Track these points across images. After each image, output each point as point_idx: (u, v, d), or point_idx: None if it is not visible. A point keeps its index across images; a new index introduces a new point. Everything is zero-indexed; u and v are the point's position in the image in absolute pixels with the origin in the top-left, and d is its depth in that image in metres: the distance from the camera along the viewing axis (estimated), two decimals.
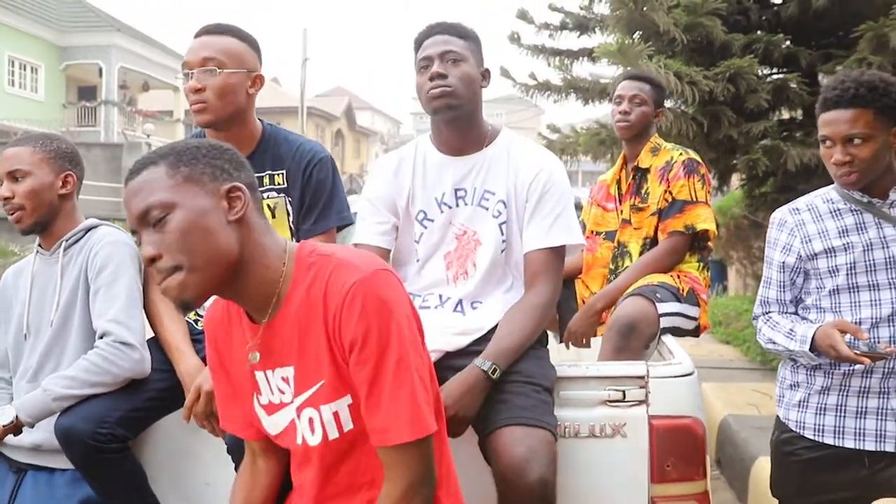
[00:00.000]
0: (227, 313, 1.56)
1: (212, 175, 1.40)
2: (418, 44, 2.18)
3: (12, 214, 2.13)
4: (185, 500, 2.12)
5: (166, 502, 2.08)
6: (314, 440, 1.47)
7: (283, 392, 1.49)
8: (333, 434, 1.45)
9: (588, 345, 2.91)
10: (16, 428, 1.97)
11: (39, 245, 2.23)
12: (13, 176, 2.13)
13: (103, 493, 2.00)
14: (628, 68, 3.22)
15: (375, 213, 2.22)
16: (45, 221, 2.16)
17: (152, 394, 2.03)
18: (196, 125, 2.18)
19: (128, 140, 17.70)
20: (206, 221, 1.36)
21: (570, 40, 7.32)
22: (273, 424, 1.54)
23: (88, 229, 2.22)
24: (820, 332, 2.02)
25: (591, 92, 6.70)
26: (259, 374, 1.52)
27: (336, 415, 1.44)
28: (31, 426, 1.99)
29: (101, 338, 2.05)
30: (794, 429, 2.20)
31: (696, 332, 2.81)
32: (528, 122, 31.34)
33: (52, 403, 1.96)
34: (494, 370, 1.88)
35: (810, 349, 2.04)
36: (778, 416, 2.29)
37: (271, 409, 1.53)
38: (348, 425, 1.45)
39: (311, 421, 1.46)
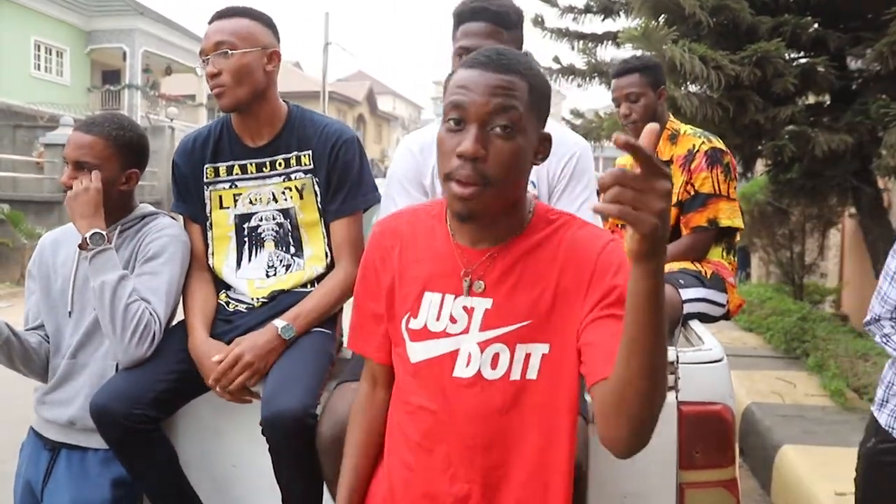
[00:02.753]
0: (413, 228, 1.56)
1: (542, 120, 1.44)
2: (459, 19, 2.15)
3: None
4: (214, 481, 2.14)
5: (195, 483, 2.09)
6: (492, 374, 1.45)
7: (455, 321, 1.47)
8: (516, 375, 1.44)
9: None
10: (84, 244, 2.01)
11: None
12: (80, 165, 2.10)
13: (135, 473, 2.02)
14: (617, 63, 3.11)
15: (403, 192, 2.23)
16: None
17: (184, 375, 2.04)
18: (221, 109, 2.17)
19: (151, 124, 17.74)
20: (526, 157, 1.40)
21: (595, 24, 7.23)
22: (420, 350, 1.50)
23: (144, 216, 2.22)
24: None
25: None
26: (430, 297, 1.50)
27: (528, 357, 1.44)
28: (87, 248, 2.01)
29: None
30: None
31: (726, 317, 2.78)
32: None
33: (100, 277, 1.99)
34: None
35: None
36: (877, 423, 2.15)
37: (424, 335, 1.49)
38: (532, 374, 1.44)
39: (496, 356, 1.44)
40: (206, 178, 2.23)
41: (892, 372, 2.15)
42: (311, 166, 2.19)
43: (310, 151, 2.19)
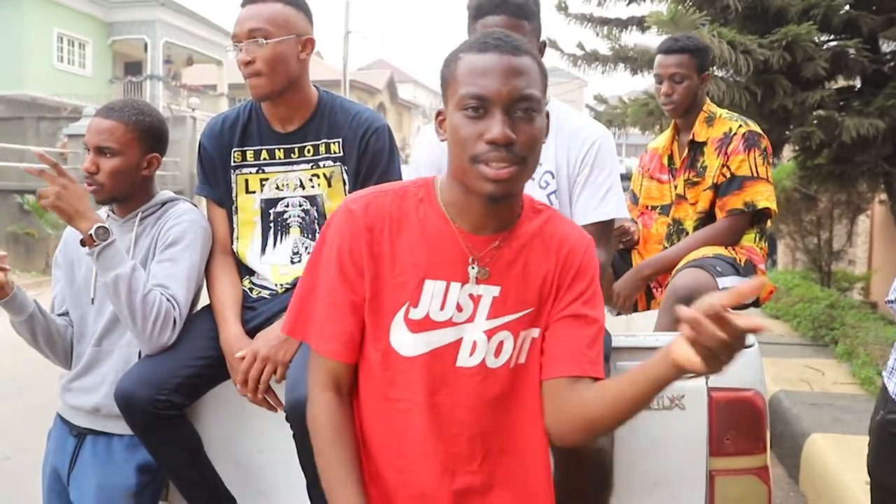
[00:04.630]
0: (401, 211, 1.47)
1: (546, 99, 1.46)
2: (478, 12, 2.11)
3: (91, 187, 2.11)
4: (238, 467, 2.14)
5: (219, 468, 2.10)
6: (496, 363, 1.45)
7: (460, 310, 1.44)
8: (513, 362, 1.46)
9: (630, 308, 2.86)
10: (89, 241, 1.94)
11: (112, 210, 2.23)
12: (101, 151, 2.09)
13: (160, 459, 2.03)
14: (664, 37, 3.06)
15: None
16: (123, 197, 2.15)
17: (208, 361, 2.03)
18: (253, 98, 2.14)
19: (172, 114, 17.83)
20: (544, 135, 1.42)
21: (619, 8, 7.14)
22: (419, 342, 1.43)
23: (164, 202, 2.21)
24: None
25: (640, 62, 6.56)
26: (432, 285, 1.44)
27: (523, 343, 1.46)
28: (93, 245, 1.94)
29: None
30: None
31: (756, 304, 2.74)
32: (571, 94, 30.96)
33: (113, 272, 1.94)
34: None
35: None
36: (888, 393, 2.11)
37: (426, 325, 1.43)
38: (523, 358, 1.47)
39: (500, 345, 1.45)
40: (234, 161, 2.21)
41: None
42: (341, 154, 2.17)
43: (340, 139, 2.17)
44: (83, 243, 1.97)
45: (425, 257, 1.44)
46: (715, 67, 5.54)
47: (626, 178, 3.34)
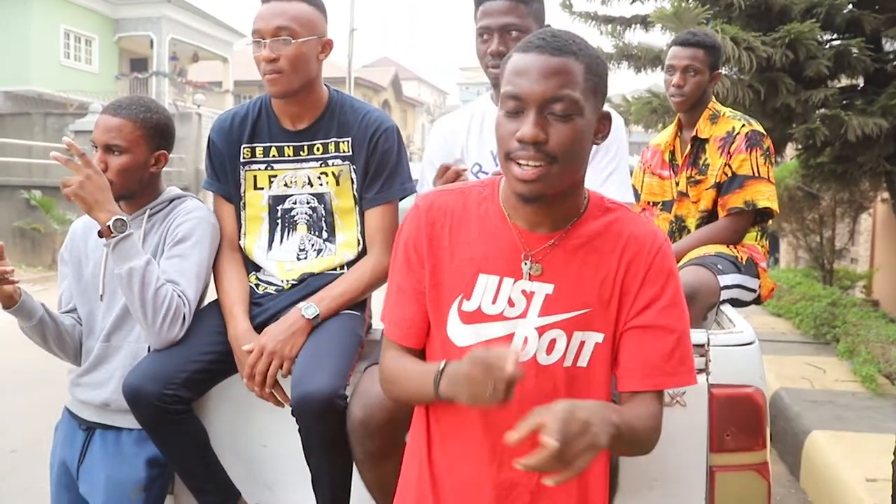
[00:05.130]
0: (464, 207, 1.53)
1: (600, 100, 1.43)
2: (479, 1, 2.14)
3: None
4: (244, 461, 2.16)
5: (225, 463, 2.12)
6: (547, 360, 1.45)
7: (512, 305, 1.46)
8: (569, 362, 1.46)
9: None
10: (107, 232, 1.96)
11: (119, 206, 2.24)
12: (110, 148, 2.11)
13: (167, 453, 2.05)
14: (677, 34, 3.07)
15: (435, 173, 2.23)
16: (131, 195, 2.17)
17: (215, 356, 2.06)
18: (271, 95, 2.16)
19: (178, 110, 17.89)
20: (587, 137, 1.41)
21: (623, 6, 7.16)
22: (470, 333, 1.48)
23: (172, 199, 2.23)
24: None
25: (644, 60, 6.58)
26: (486, 279, 1.47)
27: (582, 345, 1.45)
28: (110, 236, 1.97)
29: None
30: None
31: (757, 301, 2.76)
32: None
33: (127, 264, 1.97)
34: None
35: None
36: None
37: (477, 317, 1.47)
38: (583, 361, 1.46)
39: (552, 342, 1.45)
40: (243, 157, 2.23)
41: None
42: (350, 153, 2.19)
43: (349, 139, 2.19)
44: (100, 234, 1.99)
45: (481, 252, 1.48)
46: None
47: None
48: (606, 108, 1.46)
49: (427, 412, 1.56)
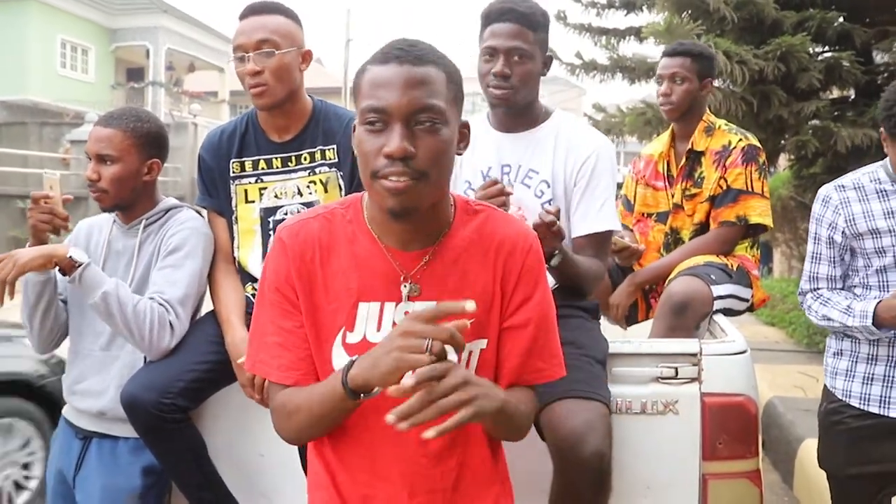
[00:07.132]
0: (330, 235, 1.44)
1: (460, 108, 1.40)
2: (487, 20, 2.16)
3: (95, 194, 2.15)
4: (241, 470, 2.17)
5: (222, 471, 2.12)
6: None
7: None
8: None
9: (623, 317, 2.90)
10: (69, 266, 1.98)
11: (117, 216, 2.26)
12: (102, 158, 2.13)
13: (164, 461, 2.06)
14: (673, 44, 3.10)
15: None
16: (126, 204, 2.19)
17: (212, 365, 2.07)
18: (258, 108, 2.19)
19: (174, 120, 17.90)
20: (452, 147, 1.37)
21: (618, 18, 7.22)
22: None
23: (168, 209, 2.25)
24: (882, 305, 2.04)
25: (638, 71, 6.63)
26: (366, 307, 1.41)
27: (470, 356, 1.42)
28: (69, 273, 1.99)
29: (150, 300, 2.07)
30: (840, 397, 2.20)
31: (750, 309, 2.79)
32: (569, 103, 30.90)
33: (99, 290, 1.98)
34: None
35: (872, 323, 2.05)
36: (825, 386, 2.29)
37: (364, 347, 1.35)
38: (471, 371, 1.39)
39: None
40: (233, 172, 2.26)
41: (831, 338, 2.31)
42: (336, 160, 2.21)
43: (334, 146, 2.21)
44: (63, 272, 2.01)
45: (357, 280, 1.41)
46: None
47: (619, 185, 3.38)
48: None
49: (322, 451, 1.49)
